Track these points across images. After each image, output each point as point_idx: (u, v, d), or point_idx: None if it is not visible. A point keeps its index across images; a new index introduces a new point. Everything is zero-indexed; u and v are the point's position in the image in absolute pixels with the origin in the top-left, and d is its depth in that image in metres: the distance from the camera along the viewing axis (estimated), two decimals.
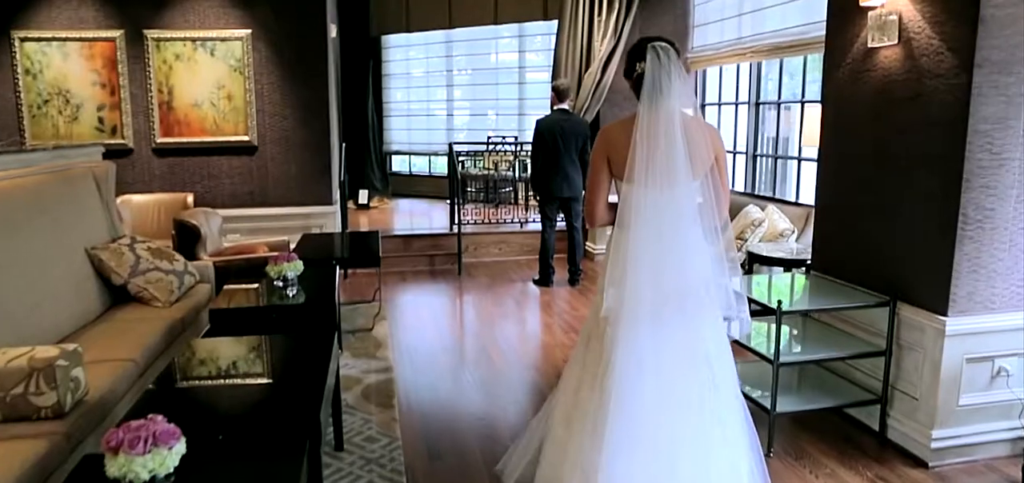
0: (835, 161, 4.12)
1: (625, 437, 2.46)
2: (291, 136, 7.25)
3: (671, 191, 2.45)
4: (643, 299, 2.48)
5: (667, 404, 2.51)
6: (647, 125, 2.46)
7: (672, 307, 2.50)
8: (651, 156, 2.45)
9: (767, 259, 5.07)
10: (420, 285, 7.30)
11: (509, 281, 7.39)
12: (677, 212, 2.48)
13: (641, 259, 2.49)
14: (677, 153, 2.44)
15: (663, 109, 2.47)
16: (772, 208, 5.81)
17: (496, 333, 5.61)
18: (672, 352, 2.52)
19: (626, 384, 2.48)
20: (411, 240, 8.04)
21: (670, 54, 2.51)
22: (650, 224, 2.48)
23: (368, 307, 6.17)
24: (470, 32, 10.71)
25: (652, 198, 2.47)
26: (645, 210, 2.47)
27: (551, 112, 7.18)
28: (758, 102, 7.26)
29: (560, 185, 6.77)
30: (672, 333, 2.52)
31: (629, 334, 2.50)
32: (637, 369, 2.49)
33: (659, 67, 2.48)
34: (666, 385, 2.52)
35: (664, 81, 2.46)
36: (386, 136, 11.81)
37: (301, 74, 7.16)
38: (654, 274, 2.49)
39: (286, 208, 7.34)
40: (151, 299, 4.40)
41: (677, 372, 2.53)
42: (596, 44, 7.91)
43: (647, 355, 2.49)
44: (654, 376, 2.50)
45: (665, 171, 2.45)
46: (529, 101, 10.51)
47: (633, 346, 2.49)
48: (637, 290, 2.48)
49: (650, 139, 2.45)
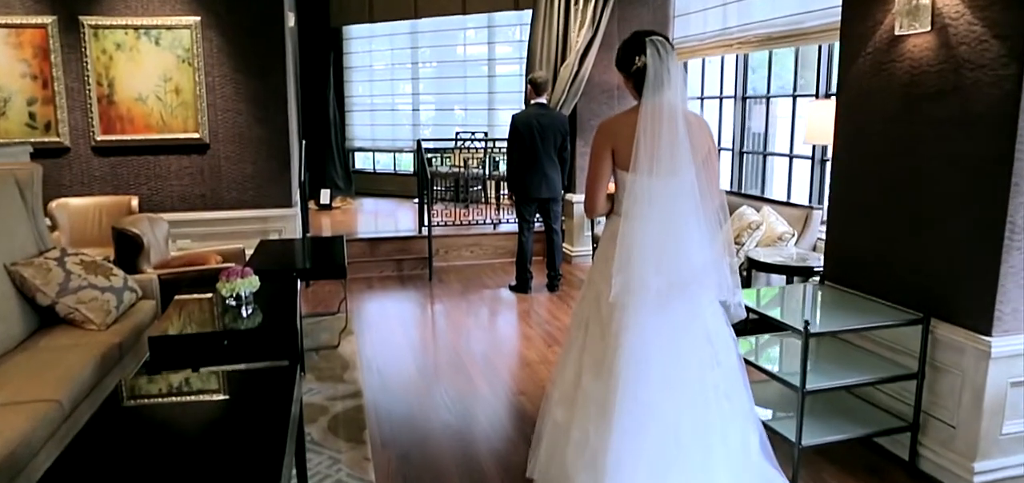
0: (852, 161, 3.75)
1: (634, 419, 2.54)
2: (246, 133, 6.68)
3: (675, 179, 2.54)
4: (649, 284, 2.56)
5: (673, 385, 2.59)
6: (651, 116, 2.54)
7: (676, 289, 2.58)
8: (655, 146, 2.53)
9: (769, 266, 4.69)
10: (388, 293, 6.80)
11: (483, 287, 6.93)
12: (680, 199, 2.57)
13: (647, 245, 2.58)
14: (680, 143, 2.52)
15: (665, 101, 2.54)
16: (768, 209, 5.44)
17: (474, 348, 5.15)
18: (676, 334, 2.61)
19: (634, 368, 2.56)
20: (377, 244, 7.52)
21: (668, 47, 2.58)
22: (655, 211, 2.57)
23: (333, 320, 5.65)
24: (436, 23, 10.20)
25: (657, 186, 2.56)
26: (651, 198, 2.57)
27: (527, 107, 6.75)
28: (745, 96, 6.91)
29: (538, 185, 6.33)
30: (676, 315, 2.61)
31: (636, 319, 2.58)
32: (644, 353, 2.57)
33: (660, 61, 2.55)
34: (672, 366, 2.60)
35: (665, 74, 2.54)
36: (349, 133, 11.24)
37: (256, 66, 6.60)
38: (659, 259, 2.58)
39: (242, 211, 6.77)
40: (84, 321, 3.84)
41: (681, 353, 2.62)
42: (573, 35, 7.47)
43: (653, 338, 2.57)
44: (660, 358, 2.58)
45: (669, 160, 2.53)
46: (499, 95, 10.04)
47: (640, 331, 2.57)
48: (644, 275, 2.56)
49: (654, 130, 2.53)
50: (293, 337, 3.37)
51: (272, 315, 3.63)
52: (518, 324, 5.84)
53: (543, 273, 6.78)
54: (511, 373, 4.68)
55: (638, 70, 2.60)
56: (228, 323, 3.57)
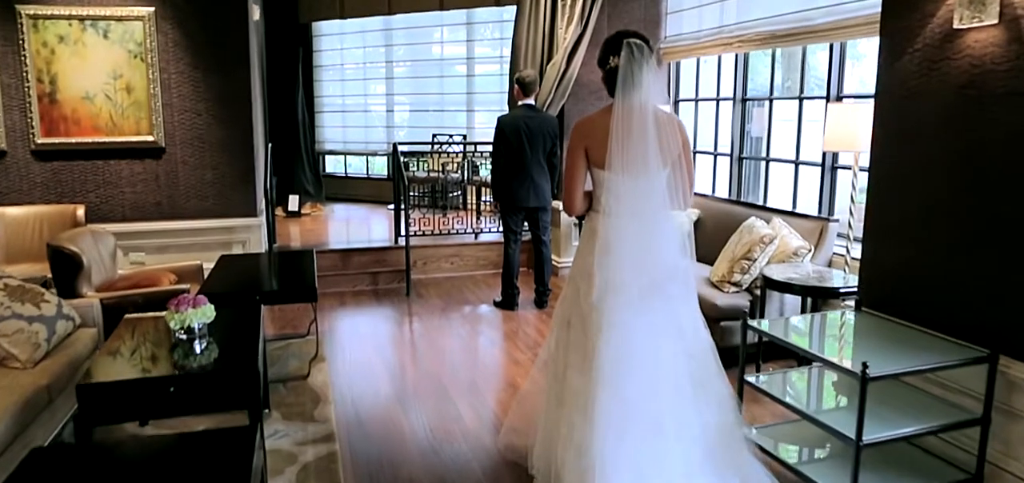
0: (895, 171, 3.31)
1: (617, 416, 2.59)
2: (206, 135, 6.10)
3: (646, 177, 2.62)
4: (627, 282, 2.63)
5: (653, 381, 2.64)
6: (622, 116, 2.61)
7: (650, 282, 2.65)
8: (627, 145, 2.60)
9: (786, 286, 4.25)
10: (363, 310, 6.26)
11: (465, 302, 6.43)
12: (651, 196, 2.65)
13: (622, 242, 2.65)
14: (649, 142, 2.59)
15: (635, 101, 2.61)
16: (779, 222, 5.01)
17: (459, 375, 4.64)
18: (655, 330, 2.68)
19: (616, 366, 2.60)
20: (350, 255, 6.97)
21: (644, 50, 2.64)
22: (628, 208, 2.65)
23: (302, 344, 5.10)
24: (411, 19, 9.66)
25: (628, 184, 2.64)
26: (624, 195, 2.64)
27: (513, 108, 6.28)
28: (745, 98, 6.48)
29: (526, 193, 5.84)
30: (653, 312, 2.67)
31: (616, 318, 2.62)
32: (627, 351, 2.62)
33: (632, 62, 2.61)
34: (652, 363, 2.66)
35: (637, 75, 2.61)
36: (319, 134, 10.65)
37: (217, 62, 6.02)
38: (634, 256, 2.65)
39: (201, 221, 6.19)
40: (6, 358, 3.27)
41: (660, 349, 2.68)
42: (560, 32, 7.00)
43: (633, 336, 2.63)
44: (641, 355, 2.64)
45: (641, 159, 2.60)
46: (478, 96, 9.54)
47: (621, 329, 2.62)
48: (621, 272, 2.63)
49: (626, 129, 2.59)
50: (254, 382, 2.83)
51: (230, 352, 3.09)
52: (506, 345, 5.34)
53: (530, 287, 6.29)
54: (500, 403, 4.17)
55: (611, 70, 2.69)
56: (179, 360, 3.03)
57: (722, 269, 4.86)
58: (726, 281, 4.78)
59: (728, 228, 5.54)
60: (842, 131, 4.27)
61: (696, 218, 5.98)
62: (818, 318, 3.65)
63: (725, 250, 5.00)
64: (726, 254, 4.94)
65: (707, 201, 6.12)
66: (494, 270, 7.36)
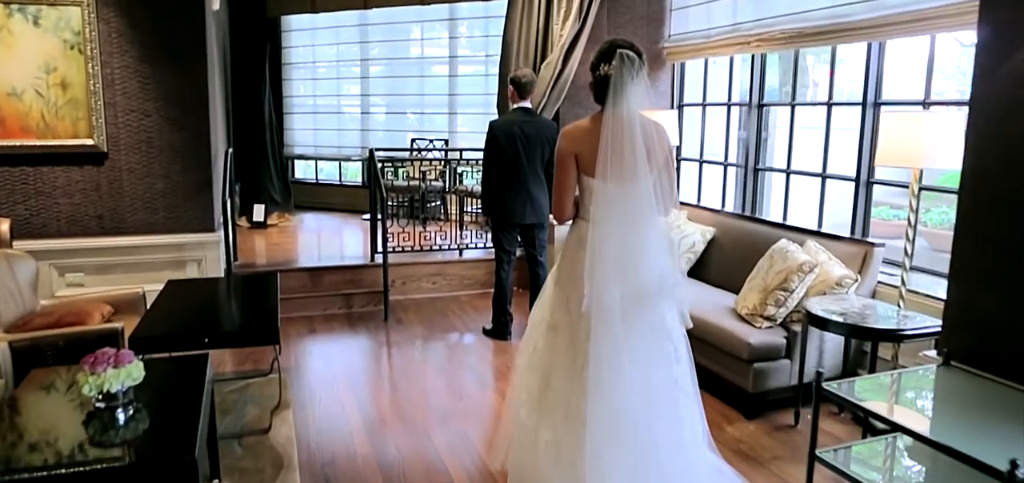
0: (1002, 201, 2.68)
1: (608, 426, 2.60)
2: (156, 139, 5.33)
3: (634, 185, 2.63)
4: (617, 285, 2.61)
5: (644, 389, 2.65)
6: (612, 125, 2.62)
7: (639, 289, 2.65)
8: (616, 153, 2.61)
9: (837, 325, 3.61)
10: (335, 338, 5.53)
11: (451, 328, 5.73)
12: (639, 203, 2.66)
13: (611, 249, 2.64)
14: (637, 150, 2.60)
15: (624, 110, 2.62)
16: (814, 245, 4.39)
17: (450, 425, 3.94)
18: (644, 338, 2.68)
19: (606, 375, 2.59)
20: (321, 274, 6.24)
21: (635, 61, 2.64)
22: (618, 214, 2.65)
23: (264, 385, 4.37)
24: (389, 14, 8.93)
25: (618, 192, 2.64)
26: (613, 203, 2.64)
27: (505, 112, 5.61)
28: (761, 104, 5.87)
29: (522, 208, 5.16)
30: (642, 319, 2.68)
31: (606, 327, 2.60)
32: (617, 361, 2.61)
33: (623, 73, 2.62)
34: (642, 371, 2.66)
35: (628, 85, 2.62)
36: (287, 138, 9.86)
37: (170, 56, 5.26)
38: (623, 263, 2.65)
39: (150, 237, 5.41)
40: None
41: (650, 356, 2.70)
42: (556, 28, 6.35)
43: (623, 345, 2.60)
44: (631, 364, 2.63)
45: (630, 167, 2.61)
46: (461, 97, 8.83)
47: (610, 338, 2.60)
48: (611, 277, 2.61)
49: (615, 138, 2.61)
50: (191, 477, 2.11)
51: (164, 426, 2.37)
52: (499, 385, 4.62)
53: (524, 313, 5.60)
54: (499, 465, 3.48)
55: (602, 78, 2.69)
56: (94, 436, 2.31)
57: (752, 300, 4.22)
58: (758, 314, 4.14)
59: (748, 249, 4.92)
60: (900, 144, 3.66)
61: (710, 237, 5.34)
62: (904, 378, 2.99)
63: (753, 277, 4.36)
64: (756, 282, 4.30)
65: (721, 218, 5.48)
66: (481, 290, 6.67)
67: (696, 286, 5.12)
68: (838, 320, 3.62)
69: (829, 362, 4.20)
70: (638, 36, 6.71)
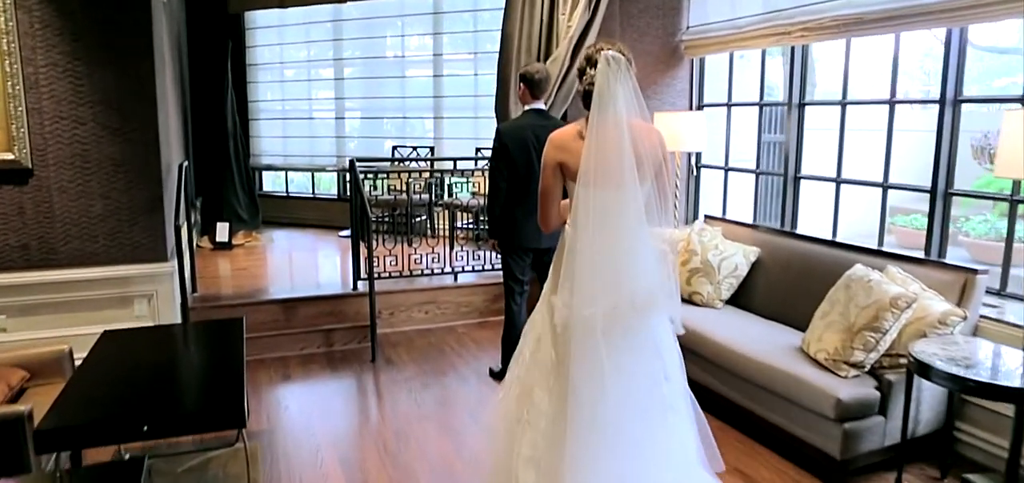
0: None
1: (590, 443, 2.50)
2: (93, 151, 4.43)
3: (620, 193, 2.53)
4: (599, 302, 2.51)
5: (629, 405, 2.55)
6: (597, 130, 2.53)
7: (626, 301, 2.55)
8: (601, 159, 2.52)
9: (956, 381, 2.85)
10: (314, 386, 4.67)
11: (451, 369, 4.89)
12: (626, 212, 2.54)
13: (597, 259, 2.54)
14: (625, 157, 2.50)
15: (610, 115, 2.52)
16: (896, 271, 3.63)
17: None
18: (630, 352, 2.58)
19: (588, 390, 2.50)
20: (296, 307, 5.35)
21: (621, 63, 2.54)
22: (601, 223, 2.55)
23: (229, 460, 3.48)
24: (367, 7, 8.04)
25: (603, 200, 2.54)
26: (598, 211, 2.55)
27: (505, 116, 4.81)
28: (802, 102, 5.12)
29: (535, 229, 4.16)
30: (626, 331, 2.57)
31: (589, 340, 2.50)
32: (599, 375, 2.50)
33: (608, 77, 2.51)
34: (626, 386, 2.56)
35: (614, 87, 2.51)
36: (254, 147, 8.91)
37: (109, 52, 4.37)
38: (609, 274, 2.55)
39: (88, 270, 4.51)
40: None
41: (636, 372, 2.59)
42: (563, 19, 5.54)
43: (606, 359, 2.51)
44: (615, 379, 2.52)
45: (616, 174, 2.51)
46: (447, 100, 7.98)
47: (593, 351, 2.50)
48: (594, 292, 2.52)
49: (600, 143, 2.51)
50: None
51: None
52: None
53: None
54: None
55: (588, 84, 2.61)
56: None
57: (831, 341, 3.45)
58: (842, 360, 3.36)
59: (802, 273, 4.19)
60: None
61: (754, 258, 4.57)
62: None
63: (827, 313, 3.59)
64: (832, 319, 3.52)
65: (764, 235, 4.72)
66: (479, 319, 5.85)
67: (742, 317, 4.36)
68: (962, 374, 2.85)
69: (926, 416, 3.44)
70: (652, 28, 5.95)
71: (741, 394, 3.85)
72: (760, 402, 3.71)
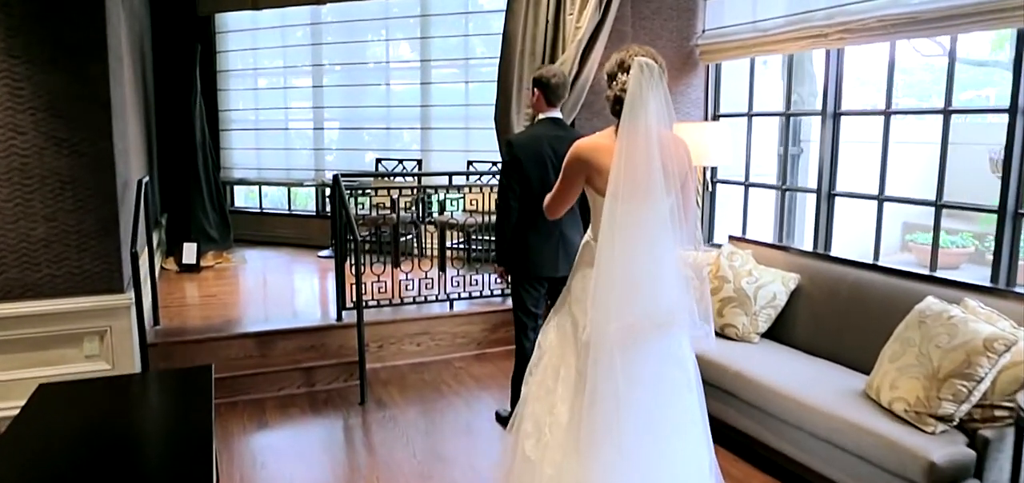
0: None
1: (612, 461, 2.46)
2: (34, 166, 3.80)
3: (647, 206, 2.47)
4: (625, 316, 2.46)
5: (655, 420, 2.51)
6: (627, 140, 2.47)
7: (650, 313, 2.50)
8: (630, 171, 2.46)
9: None
10: (295, 435, 4.07)
11: (452, 410, 4.33)
12: (653, 225, 2.50)
13: (617, 270, 2.49)
14: (653, 169, 2.44)
15: (641, 124, 2.46)
16: (974, 303, 3.13)
17: None
18: (656, 366, 2.56)
19: (612, 407, 2.45)
20: (273, 340, 4.74)
21: (655, 71, 2.49)
22: (626, 236, 2.49)
23: None
24: (347, 9, 7.46)
25: (628, 212, 2.47)
26: (627, 225, 2.48)
27: (506, 125, 4.27)
28: (837, 112, 4.65)
29: (553, 256, 3.78)
30: (649, 342, 2.53)
31: (614, 355, 2.45)
32: (625, 391, 2.45)
33: (641, 82, 2.45)
34: (652, 401, 2.53)
35: (646, 95, 2.45)
36: (225, 159, 8.25)
37: (54, 51, 3.75)
38: (634, 288, 2.50)
39: (29, 304, 3.86)
40: None
41: (661, 386, 2.57)
42: (570, 20, 5.03)
43: (619, 375, 2.45)
44: (640, 394, 2.49)
45: (643, 186, 2.45)
46: (436, 109, 7.41)
47: (608, 370, 2.45)
48: (620, 306, 2.46)
49: (629, 154, 2.46)
50: None
51: None
52: None
53: None
54: None
55: (619, 89, 2.54)
56: None
57: (913, 390, 2.93)
58: (927, 413, 2.85)
59: (854, 304, 3.71)
60: None
61: (793, 286, 4.05)
62: None
63: (899, 354, 3.07)
64: (907, 362, 3.01)
65: (802, 259, 4.20)
66: (477, 351, 5.29)
67: (784, 353, 3.85)
68: None
69: None
70: (666, 31, 5.46)
71: (792, 445, 3.33)
72: (815, 454, 3.20)
